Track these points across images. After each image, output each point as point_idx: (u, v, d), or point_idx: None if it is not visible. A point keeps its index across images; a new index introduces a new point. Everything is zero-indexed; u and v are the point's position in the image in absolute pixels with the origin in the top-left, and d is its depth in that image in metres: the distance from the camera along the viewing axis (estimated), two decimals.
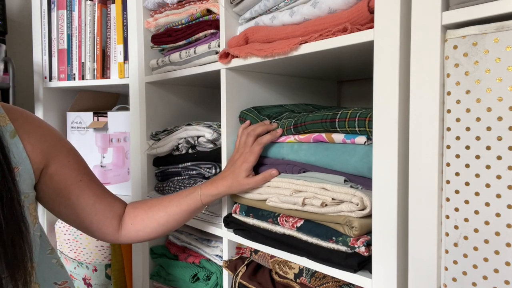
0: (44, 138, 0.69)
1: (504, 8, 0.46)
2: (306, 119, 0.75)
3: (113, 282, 1.32)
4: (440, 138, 0.53)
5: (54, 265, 0.73)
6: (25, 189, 0.64)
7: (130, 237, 0.80)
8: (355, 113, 0.67)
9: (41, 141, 0.68)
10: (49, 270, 0.72)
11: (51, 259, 0.73)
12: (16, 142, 0.64)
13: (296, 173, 0.78)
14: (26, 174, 0.64)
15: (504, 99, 0.47)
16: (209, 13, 0.94)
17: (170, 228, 0.82)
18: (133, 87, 1.18)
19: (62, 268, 0.76)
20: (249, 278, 0.84)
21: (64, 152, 0.72)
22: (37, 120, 0.71)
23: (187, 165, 1.03)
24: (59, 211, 0.74)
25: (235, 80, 0.90)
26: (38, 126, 0.69)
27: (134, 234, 0.80)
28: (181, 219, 0.82)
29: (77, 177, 0.73)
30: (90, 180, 0.75)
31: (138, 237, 0.81)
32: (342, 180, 0.69)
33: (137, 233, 0.80)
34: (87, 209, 0.74)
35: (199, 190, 0.82)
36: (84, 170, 0.75)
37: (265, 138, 0.81)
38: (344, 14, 0.66)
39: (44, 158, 0.68)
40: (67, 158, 0.72)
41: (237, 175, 0.80)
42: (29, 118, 0.69)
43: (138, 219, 0.80)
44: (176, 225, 0.82)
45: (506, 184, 0.48)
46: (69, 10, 1.36)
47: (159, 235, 0.82)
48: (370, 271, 0.63)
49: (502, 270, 0.49)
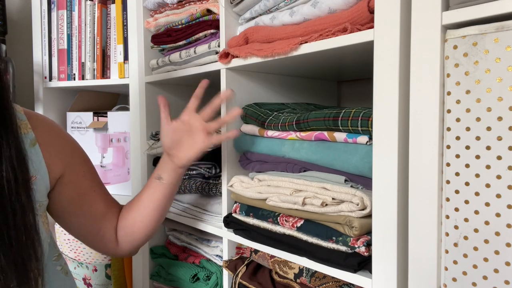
0: (63, 148, 0.69)
1: (504, 8, 0.46)
2: (309, 116, 0.75)
3: (113, 282, 1.32)
4: (440, 138, 0.53)
5: (58, 272, 0.72)
6: (40, 198, 0.64)
7: (124, 245, 0.78)
8: (359, 113, 0.67)
9: (60, 151, 0.68)
10: (53, 278, 0.70)
11: (55, 266, 0.71)
12: (36, 151, 0.63)
13: (296, 172, 0.78)
14: (43, 183, 0.64)
15: (504, 99, 0.47)
16: (209, 13, 0.94)
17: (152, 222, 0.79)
18: (133, 87, 1.18)
19: (67, 275, 0.74)
20: (249, 278, 0.84)
21: (80, 162, 0.72)
22: (57, 128, 0.71)
23: None
24: (68, 221, 0.73)
25: (235, 80, 0.90)
26: (58, 136, 0.69)
27: (125, 239, 0.78)
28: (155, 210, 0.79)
29: (91, 187, 0.73)
30: (101, 190, 0.76)
31: (129, 243, 0.79)
32: (342, 180, 0.69)
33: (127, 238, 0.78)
34: (97, 219, 0.74)
35: (154, 175, 0.80)
36: (96, 180, 0.75)
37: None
38: (344, 14, 0.66)
39: (61, 167, 0.68)
40: (83, 168, 0.72)
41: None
42: (49, 127, 0.69)
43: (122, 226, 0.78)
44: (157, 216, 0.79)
45: (506, 184, 0.48)
46: (69, 10, 1.36)
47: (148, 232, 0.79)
48: (370, 271, 0.63)
49: (502, 270, 0.49)
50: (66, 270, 0.75)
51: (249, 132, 0.88)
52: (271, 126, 0.82)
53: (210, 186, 0.97)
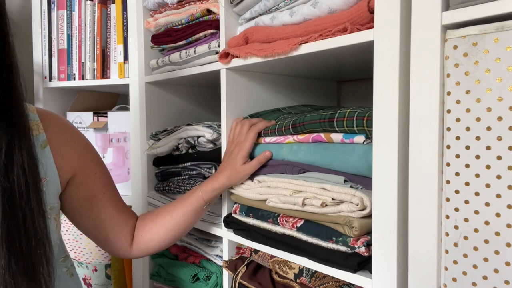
0: (74, 149, 0.68)
1: (504, 8, 0.46)
2: (304, 119, 0.75)
3: (113, 282, 1.32)
4: (440, 138, 0.53)
5: (63, 273, 0.71)
6: (51, 200, 0.63)
7: (141, 249, 0.79)
8: (353, 113, 0.67)
9: (71, 152, 0.67)
10: (58, 280, 0.70)
11: (61, 268, 0.71)
12: (47, 153, 0.63)
13: (296, 174, 0.78)
14: (53, 185, 0.64)
15: (504, 99, 0.47)
16: (209, 13, 0.94)
17: (178, 233, 0.81)
18: (133, 87, 1.18)
19: (72, 277, 0.73)
20: (249, 278, 0.84)
21: (92, 164, 0.71)
22: (70, 128, 0.70)
23: (187, 165, 1.03)
24: (78, 221, 0.73)
25: (235, 80, 0.90)
26: (70, 136, 0.69)
27: (144, 245, 0.79)
28: (187, 221, 0.81)
29: (101, 190, 0.72)
30: (113, 193, 0.75)
31: (148, 248, 0.79)
32: (342, 180, 0.69)
33: (147, 244, 0.79)
34: (106, 223, 0.74)
35: (199, 188, 0.81)
36: (108, 183, 0.74)
37: (259, 124, 0.81)
38: (344, 14, 0.66)
39: (72, 169, 0.67)
40: (95, 170, 0.71)
41: (234, 164, 0.80)
42: (61, 127, 0.68)
43: (147, 229, 0.79)
44: (184, 228, 0.81)
45: (506, 184, 0.48)
46: (69, 10, 1.36)
47: (169, 242, 0.81)
48: (370, 271, 0.63)
49: (502, 270, 0.49)
50: (72, 272, 0.74)
51: None
52: (268, 133, 0.83)
53: None
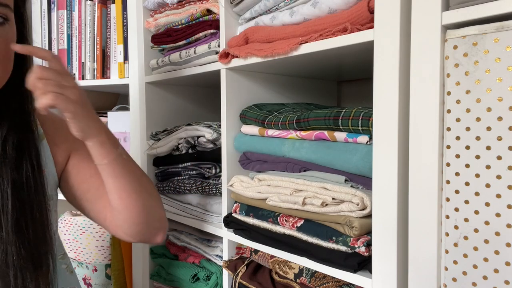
0: (67, 136, 0.68)
1: (504, 8, 0.46)
2: (309, 115, 0.75)
3: (113, 282, 1.32)
4: (440, 138, 0.53)
5: (63, 270, 0.72)
6: (50, 192, 0.65)
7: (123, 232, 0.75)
8: (359, 112, 0.67)
9: (64, 139, 0.69)
10: (58, 275, 0.70)
11: (61, 264, 0.72)
12: (44, 146, 0.65)
13: (297, 172, 0.78)
14: (51, 176, 0.66)
15: (504, 99, 0.47)
16: (209, 13, 0.94)
17: (125, 200, 0.68)
18: (133, 87, 1.18)
19: (72, 273, 0.74)
20: (249, 278, 0.84)
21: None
22: (60, 118, 0.71)
23: (187, 165, 1.03)
24: (80, 206, 0.73)
25: (235, 80, 0.90)
26: (61, 124, 0.70)
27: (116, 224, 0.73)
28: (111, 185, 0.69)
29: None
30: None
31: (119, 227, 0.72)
32: (342, 180, 0.69)
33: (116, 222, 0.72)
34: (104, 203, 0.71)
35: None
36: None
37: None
38: (344, 14, 0.66)
39: (66, 155, 0.69)
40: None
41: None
42: (53, 118, 0.70)
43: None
44: (125, 195, 0.68)
45: (506, 184, 0.48)
46: (69, 10, 1.36)
47: (128, 215, 0.69)
48: (370, 271, 0.63)
49: (502, 270, 0.49)
50: (71, 269, 0.75)
51: (249, 133, 0.88)
52: (271, 125, 0.82)
53: (210, 186, 0.97)
